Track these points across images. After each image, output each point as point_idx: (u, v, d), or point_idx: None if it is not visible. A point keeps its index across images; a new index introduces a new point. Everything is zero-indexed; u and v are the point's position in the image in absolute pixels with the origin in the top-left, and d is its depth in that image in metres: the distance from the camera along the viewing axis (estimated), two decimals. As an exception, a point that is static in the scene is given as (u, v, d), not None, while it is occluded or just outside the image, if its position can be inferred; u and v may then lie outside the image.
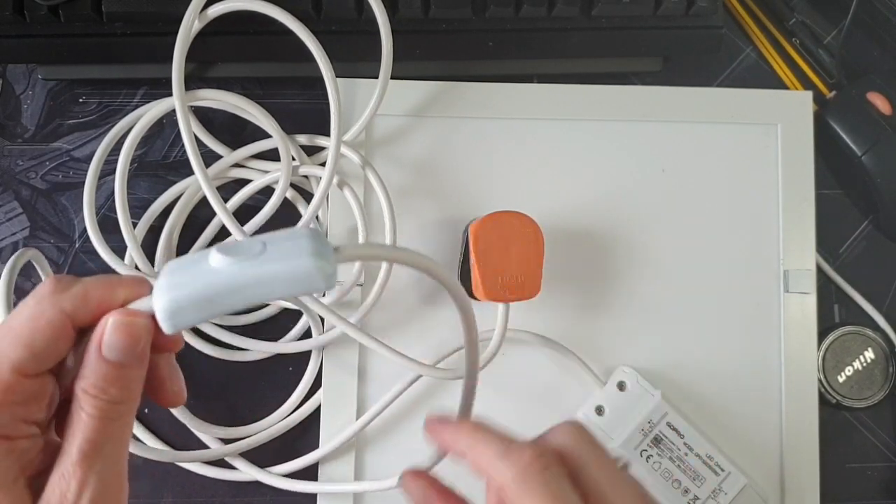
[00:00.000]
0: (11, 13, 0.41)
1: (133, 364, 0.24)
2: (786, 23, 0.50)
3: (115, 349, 0.24)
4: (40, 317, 0.24)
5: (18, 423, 0.24)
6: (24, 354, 0.23)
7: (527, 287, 0.40)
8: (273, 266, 0.23)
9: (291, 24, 0.41)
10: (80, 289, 0.24)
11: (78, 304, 0.24)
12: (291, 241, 0.23)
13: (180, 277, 0.23)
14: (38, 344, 0.23)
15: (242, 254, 0.23)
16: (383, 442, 0.44)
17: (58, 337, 0.24)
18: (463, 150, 0.46)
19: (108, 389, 0.24)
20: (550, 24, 0.45)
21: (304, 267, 0.23)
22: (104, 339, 0.24)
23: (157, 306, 0.23)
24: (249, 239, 0.24)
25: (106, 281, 0.25)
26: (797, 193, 0.47)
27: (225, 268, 0.23)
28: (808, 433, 0.45)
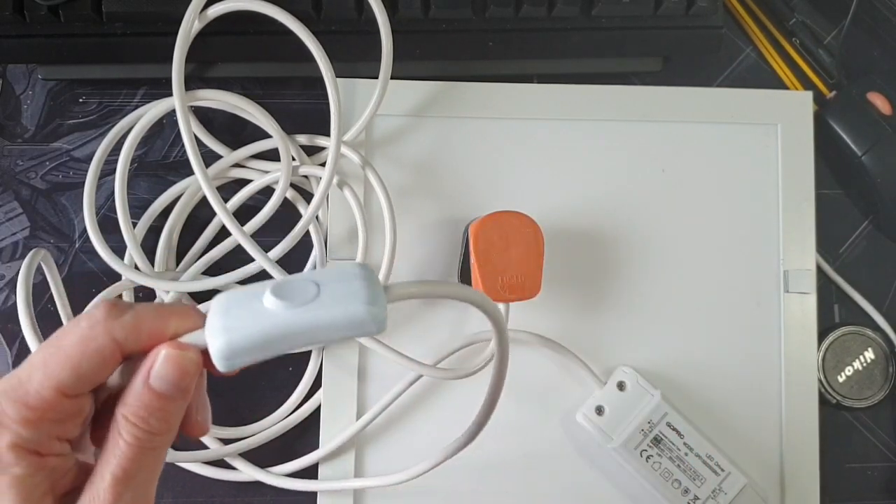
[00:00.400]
0: (11, 13, 0.41)
1: (177, 397, 0.25)
2: (786, 23, 0.50)
3: (164, 381, 0.24)
4: (91, 342, 0.24)
5: (52, 440, 0.24)
6: (70, 376, 0.24)
7: (527, 287, 0.40)
8: (328, 313, 0.23)
9: (291, 24, 0.41)
10: (132, 318, 0.24)
11: (129, 333, 0.24)
12: (345, 285, 0.24)
13: (235, 319, 0.24)
14: (85, 368, 0.24)
15: (297, 298, 0.23)
16: (383, 442, 0.44)
17: (105, 363, 0.24)
18: (463, 150, 0.46)
19: (150, 420, 0.24)
20: (550, 24, 0.45)
21: (359, 315, 0.23)
22: (154, 369, 0.24)
23: (212, 346, 0.24)
24: (302, 279, 0.24)
25: (158, 311, 0.25)
26: (797, 193, 0.47)
27: (280, 312, 0.23)
28: (808, 433, 0.45)
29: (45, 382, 0.23)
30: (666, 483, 0.43)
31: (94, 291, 0.43)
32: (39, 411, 0.23)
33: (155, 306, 0.25)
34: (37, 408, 0.23)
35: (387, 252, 0.43)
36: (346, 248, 0.44)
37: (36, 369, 0.24)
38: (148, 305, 0.25)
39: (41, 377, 0.23)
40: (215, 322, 0.24)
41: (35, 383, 0.23)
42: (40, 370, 0.24)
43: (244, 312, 0.24)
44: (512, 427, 0.44)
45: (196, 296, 0.44)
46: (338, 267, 0.25)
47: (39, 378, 0.23)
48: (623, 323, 0.45)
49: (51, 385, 0.23)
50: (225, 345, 0.23)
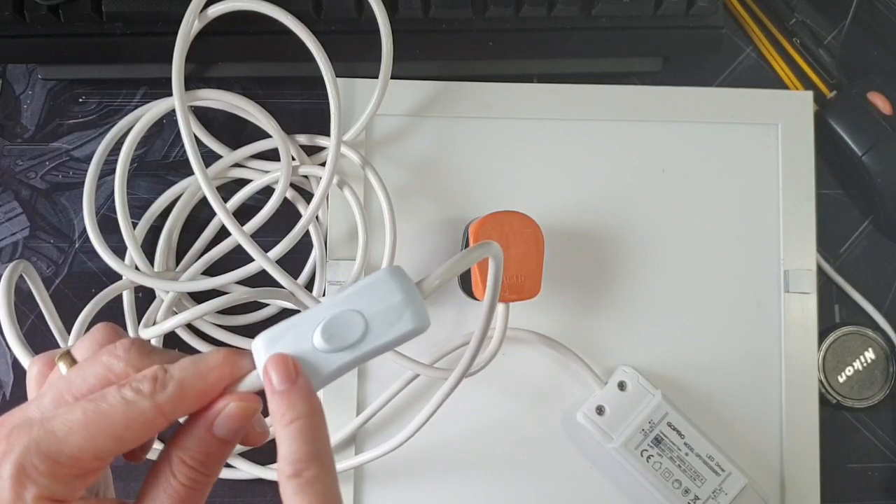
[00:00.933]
0: (11, 13, 0.41)
1: (236, 441, 0.26)
2: (786, 23, 0.50)
3: (227, 429, 0.25)
4: (138, 415, 0.24)
5: (77, 491, 0.24)
6: (111, 445, 0.24)
7: (527, 287, 0.40)
8: (380, 343, 0.25)
9: (291, 24, 0.41)
10: (177, 390, 0.25)
11: (177, 404, 0.25)
12: (387, 305, 0.25)
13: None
14: (127, 438, 0.24)
15: (348, 337, 0.25)
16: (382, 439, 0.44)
17: (149, 434, 0.25)
18: (463, 150, 0.46)
19: (208, 464, 0.25)
20: (550, 24, 0.45)
21: (408, 333, 0.25)
22: (220, 419, 0.25)
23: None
24: (347, 311, 0.25)
25: (199, 371, 0.25)
26: (797, 193, 0.47)
27: (335, 354, 0.25)
28: (809, 433, 0.45)
29: (85, 447, 0.23)
30: (666, 483, 0.43)
31: (94, 291, 0.43)
32: (70, 469, 0.23)
33: (195, 366, 0.25)
34: (68, 466, 0.23)
35: (387, 252, 0.43)
36: (346, 248, 0.44)
37: (75, 432, 0.23)
38: (188, 367, 0.25)
39: (80, 441, 0.23)
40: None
41: (73, 445, 0.23)
42: (80, 434, 0.23)
43: (301, 358, 0.25)
44: (512, 427, 0.44)
45: (196, 296, 0.44)
46: (373, 281, 0.26)
47: (78, 442, 0.23)
48: (623, 323, 0.45)
49: (90, 450, 0.23)
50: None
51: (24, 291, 0.45)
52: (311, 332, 0.25)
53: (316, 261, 0.45)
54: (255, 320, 0.45)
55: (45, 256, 0.45)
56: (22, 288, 0.45)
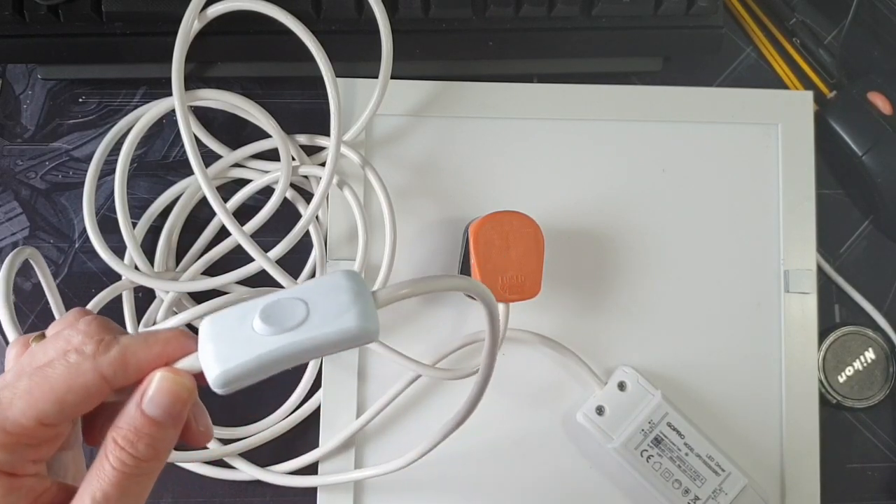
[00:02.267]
0: (11, 13, 0.41)
1: (169, 424, 0.25)
2: (786, 22, 0.50)
3: (157, 406, 0.24)
4: (78, 377, 0.24)
5: (27, 462, 0.24)
6: (53, 408, 0.23)
7: (527, 287, 0.40)
8: (320, 333, 0.24)
9: (291, 24, 0.41)
10: (119, 352, 0.24)
11: (117, 368, 0.24)
12: (333, 299, 0.24)
13: (228, 346, 0.24)
14: (69, 402, 0.24)
15: (287, 321, 0.24)
16: (383, 441, 0.44)
17: (91, 398, 0.24)
18: (463, 150, 0.46)
19: (138, 445, 0.24)
20: (550, 24, 0.45)
21: (351, 331, 0.24)
22: (148, 394, 0.24)
23: (208, 375, 0.24)
24: (290, 297, 0.24)
25: (147, 341, 0.25)
26: (797, 193, 0.47)
27: (272, 337, 0.24)
28: (809, 433, 0.45)
29: (27, 412, 0.23)
30: (666, 483, 0.43)
31: (94, 291, 0.43)
32: (16, 437, 0.23)
33: (144, 336, 0.25)
34: (14, 434, 0.23)
35: (387, 252, 0.43)
36: (346, 248, 0.44)
37: (19, 397, 0.23)
38: (136, 336, 0.25)
39: (23, 405, 0.23)
40: (208, 349, 0.24)
41: (16, 410, 0.23)
42: (23, 398, 0.23)
43: (236, 339, 0.24)
44: (512, 426, 0.44)
45: (196, 296, 0.44)
46: (325, 279, 0.25)
47: (21, 406, 0.23)
48: (623, 323, 0.45)
49: (32, 415, 0.23)
50: (221, 374, 0.24)
51: (24, 291, 0.45)
52: (252, 314, 0.24)
53: (316, 261, 0.44)
54: (255, 320, 0.45)
55: (46, 256, 0.45)
56: (22, 288, 0.45)
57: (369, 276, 0.44)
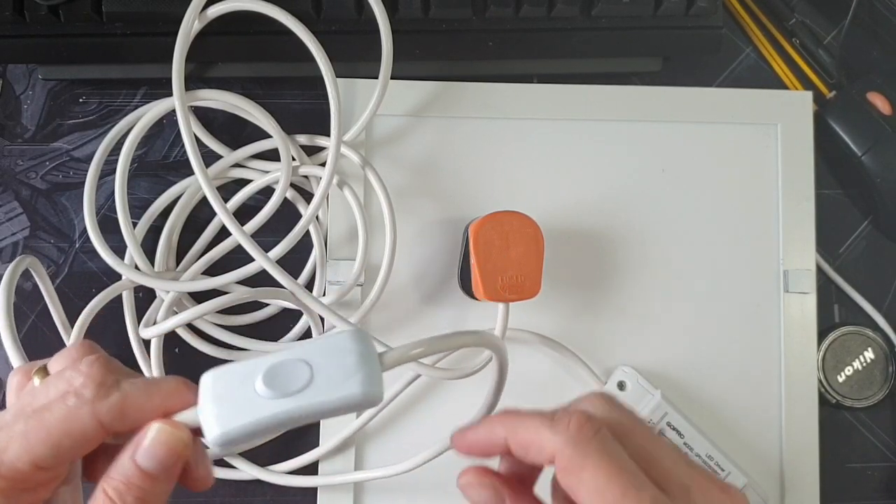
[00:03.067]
0: (11, 13, 0.41)
1: (162, 477, 0.24)
2: (786, 23, 0.50)
3: (151, 459, 0.24)
4: (76, 422, 0.23)
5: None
6: (49, 453, 0.23)
7: (527, 287, 0.40)
8: (323, 399, 0.23)
9: (291, 24, 0.41)
10: (119, 400, 0.24)
11: (115, 416, 0.24)
12: (338, 362, 0.24)
13: (230, 407, 0.23)
14: (65, 447, 0.23)
15: (290, 385, 0.23)
16: (383, 440, 0.44)
17: (88, 443, 0.24)
18: (463, 150, 0.46)
19: (127, 497, 0.24)
20: (550, 24, 0.45)
21: (355, 399, 0.23)
22: (143, 445, 0.24)
23: (207, 434, 0.24)
24: (294, 360, 0.24)
25: (147, 389, 0.24)
26: (797, 193, 0.47)
27: (274, 402, 0.23)
28: (808, 433, 0.45)
29: (23, 456, 0.23)
30: (666, 483, 0.43)
31: (95, 291, 0.43)
32: (12, 481, 0.23)
33: (145, 384, 0.25)
34: (9, 478, 0.23)
35: (387, 252, 0.43)
36: (346, 248, 0.44)
37: (15, 440, 0.23)
38: (137, 383, 0.25)
39: (18, 450, 0.23)
40: (208, 407, 0.24)
41: (11, 454, 0.23)
42: (18, 442, 0.23)
43: (237, 400, 0.23)
44: (512, 427, 0.44)
45: (196, 296, 0.44)
46: (332, 339, 0.24)
47: (16, 450, 0.23)
48: (623, 323, 0.45)
49: (27, 459, 0.23)
50: (220, 435, 0.23)
51: (24, 291, 0.45)
52: (256, 374, 0.24)
53: (316, 261, 0.45)
54: (256, 320, 0.45)
55: (46, 256, 0.45)
56: (23, 288, 0.45)
57: (369, 275, 0.44)
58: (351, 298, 0.44)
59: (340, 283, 0.43)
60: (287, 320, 0.45)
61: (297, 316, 0.45)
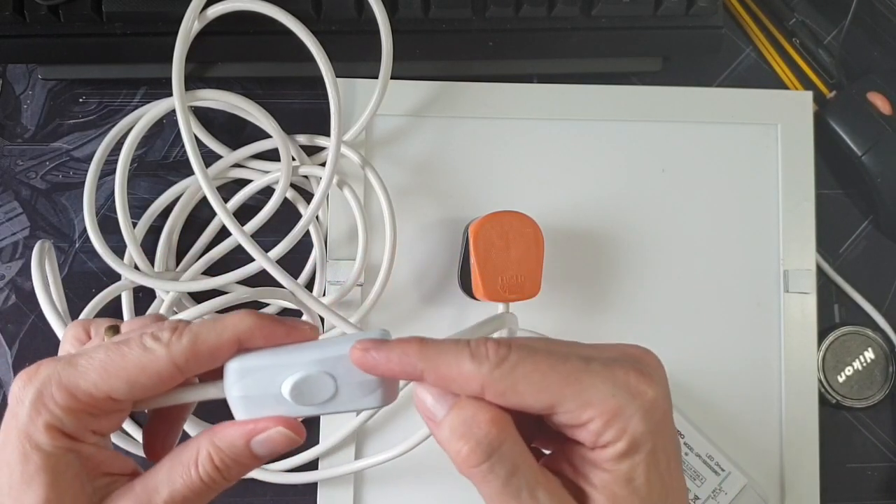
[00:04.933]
0: (11, 13, 0.41)
1: (265, 461, 0.26)
2: (786, 23, 0.50)
3: (269, 450, 0.26)
4: (152, 363, 0.25)
5: (87, 431, 0.25)
6: (124, 388, 0.25)
7: (527, 287, 0.40)
8: (343, 409, 0.25)
9: (291, 24, 0.41)
10: (190, 343, 0.25)
11: (189, 357, 0.25)
12: (363, 380, 0.25)
13: (257, 406, 0.25)
14: (140, 384, 0.25)
15: (315, 398, 0.25)
16: (382, 437, 0.44)
17: (162, 384, 0.25)
18: (463, 150, 0.46)
19: (233, 470, 0.26)
20: (550, 24, 0.45)
21: (374, 406, 0.26)
22: (265, 436, 0.25)
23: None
24: (318, 374, 0.25)
25: (215, 328, 0.26)
26: (797, 193, 0.47)
27: (299, 406, 0.25)
28: (808, 433, 0.45)
29: (100, 385, 0.24)
30: (666, 483, 0.43)
31: (94, 291, 0.43)
32: (84, 405, 0.24)
33: (213, 322, 0.26)
34: (83, 401, 0.24)
35: (387, 252, 0.43)
36: (346, 247, 0.44)
37: (94, 369, 0.24)
38: (206, 322, 0.26)
39: (96, 379, 0.24)
40: (238, 403, 0.25)
41: (89, 382, 0.24)
42: (97, 372, 0.24)
43: (265, 400, 0.25)
44: (512, 427, 0.44)
45: (196, 296, 0.44)
46: (349, 341, 0.25)
47: (94, 379, 0.24)
48: (623, 323, 0.45)
49: (104, 389, 0.24)
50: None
51: (24, 291, 0.45)
52: (281, 380, 0.25)
53: (316, 261, 0.45)
54: (256, 320, 0.45)
55: (46, 256, 0.45)
56: (23, 288, 0.45)
57: (369, 275, 0.44)
58: (351, 298, 0.44)
59: (340, 283, 0.43)
60: (287, 320, 0.45)
61: (297, 316, 0.45)
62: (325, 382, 0.25)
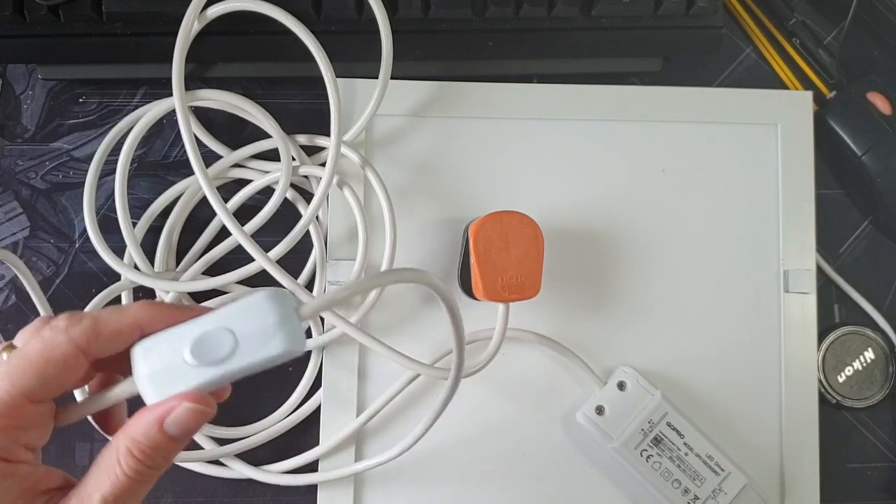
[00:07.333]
0: (11, 13, 0.41)
1: (185, 441, 0.26)
2: (786, 23, 0.50)
3: (182, 428, 0.25)
4: (55, 349, 0.25)
5: (19, 447, 0.25)
6: (36, 382, 0.24)
7: (527, 287, 0.40)
8: (247, 361, 0.25)
9: (291, 24, 0.41)
10: (91, 323, 0.25)
11: (90, 337, 0.25)
12: (258, 324, 0.25)
13: (164, 379, 0.25)
14: (50, 374, 0.25)
15: (216, 354, 0.25)
16: (382, 439, 0.44)
17: (70, 369, 0.25)
18: (463, 150, 0.46)
19: (156, 458, 0.26)
20: (550, 24, 0.45)
21: (278, 355, 0.25)
22: (174, 416, 0.25)
23: (148, 402, 0.26)
24: (217, 329, 0.25)
25: (117, 311, 0.26)
26: (797, 193, 0.47)
27: (203, 368, 0.25)
28: (808, 433, 0.45)
29: (11, 390, 0.24)
30: (666, 483, 0.43)
31: (94, 291, 0.43)
32: (6, 418, 0.24)
33: (114, 308, 0.26)
34: (3, 414, 0.24)
35: (387, 252, 0.43)
36: (346, 248, 0.44)
37: (1, 378, 0.24)
38: (106, 308, 0.26)
39: (6, 385, 0.24)
40: (145, 382, 0.25)
41: (1, 392, 0.24)
42: (5, 378, 0.24)
43: (170, 371, 0.25)
44: (512, 427, 0.44)
45: (196, 296, 0.44)
46: (250, 302, 0.26)
47: (5, 386, 0.24)
48: (623, 323, 0.45)
49: (17, 392, 0.24)
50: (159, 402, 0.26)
51: (24, 291, 0.45)
52: (182, 345, 0.25)
53: (316, 261, 0.45)
54: (256, 320, 0.45)
55: (46, 256, 0.45)
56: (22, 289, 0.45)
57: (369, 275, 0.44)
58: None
59: (340, 283, 0.43)
60: (287, 320, 0.45)
61: (297, 316, 0.45)
62: (223, 336, 0.25)
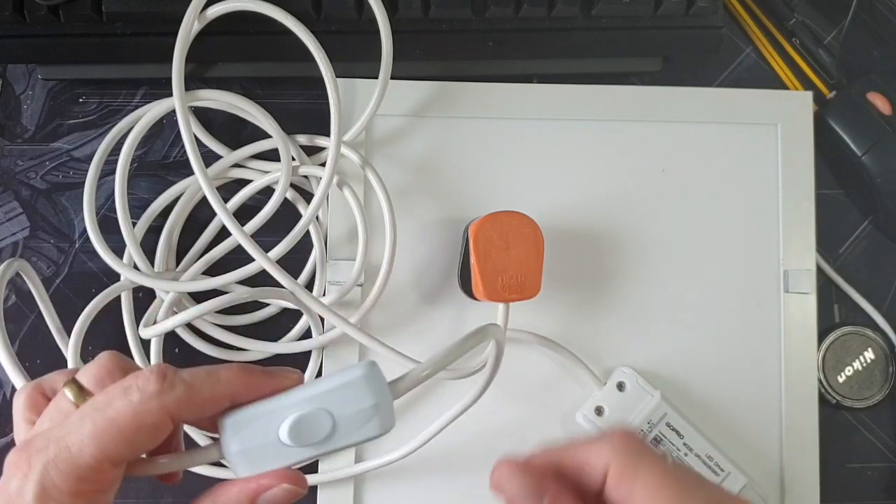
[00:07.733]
0: (11, 13, 0.41)
1: None
2: (786, 23, 0.50)
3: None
4: (146, 416, 0.24)
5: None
6: (125, 450, 0.24)
7: (527, 287, 0.40)
8: (344, 443, 0.26)
9: (291, 24, 0.41)
10: (185, 392, 0.25)
11: (184, 407, 0.25)
12: (356, 406, 0.25)
13: (258, 458, 0.25)
14: (140, 441, 0.24)
15: (314, 437, 0.25)
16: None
17: (160, 436, 0.25)
18: (463, 150, 0.46)
19: None
20: (550, 24, 0.45)
21: (373, 437, 0.26)
22: (271, 494, 0.25)
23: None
24: (315, 410, 0.25)
25: (210, 378, 0.25)
26: (797, 193, 0.47)
27: (299, 448, 0.25)
28: (808, 433, 0.45)
29: (98, 455, 0.23)
30: (666, 483, 0.43)
31: (94, 291, 0.43)
32: (89, 483, 0.24)
33: (206, 372, 0.26)
34: (90, 480, 0.24)
35: (387, 252, 0.43)
36: (346, 248, 0.44)
37: (88, 444, 0.23)
38: (198, 373, 0.25)
39: (94, 451, 0.23)
40: (237, 459, 0.25)
41: (88, 457, 0.23)
42: (92, 444, 0.23)
43: (265, 450, 0.25)
44: (512, 427, 0.44)
45: (196, 295, 0.44)
46: (346, 381, 0.26)
47: (92, 451, 0.23)
48: (623, 323, 0.45)
49: (105, 459, 0.24)
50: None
51: (24, 291, 0.45)
52: (278, 424, 0.25)
53: (316, 261, 0.45)
54: (256, 320, 0.45)
55: (46, 256, 0.45)
56: (22, 289, 0.45)
57: (369, 275, 0.44)
58: (351, 298, 0.44)
59: (340, 283, 0.43)
60: (287, 320, 0.45)
61: (297, 316, 0.45)
62: (322, 419, 0.25)
